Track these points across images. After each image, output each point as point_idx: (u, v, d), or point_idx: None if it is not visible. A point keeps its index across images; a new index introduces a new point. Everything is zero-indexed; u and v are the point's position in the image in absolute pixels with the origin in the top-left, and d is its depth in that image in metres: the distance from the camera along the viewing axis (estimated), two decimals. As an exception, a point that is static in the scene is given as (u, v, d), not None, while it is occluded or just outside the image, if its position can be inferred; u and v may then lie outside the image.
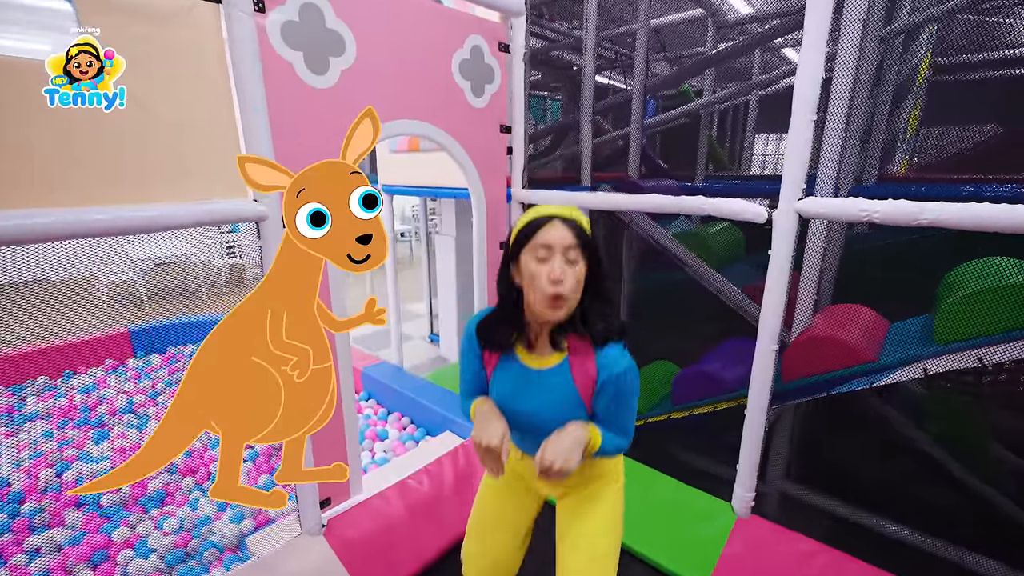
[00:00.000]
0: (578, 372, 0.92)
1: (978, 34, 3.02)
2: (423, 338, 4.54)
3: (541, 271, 0.85)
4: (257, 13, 1.18)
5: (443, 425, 2.39)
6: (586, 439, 0.89)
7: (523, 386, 0.95)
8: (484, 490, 1.17)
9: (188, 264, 4.78)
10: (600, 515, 1.04)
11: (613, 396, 0.91)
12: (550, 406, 0.93)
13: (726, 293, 2.02)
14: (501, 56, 1.85)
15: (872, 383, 1.29)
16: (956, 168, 2.65)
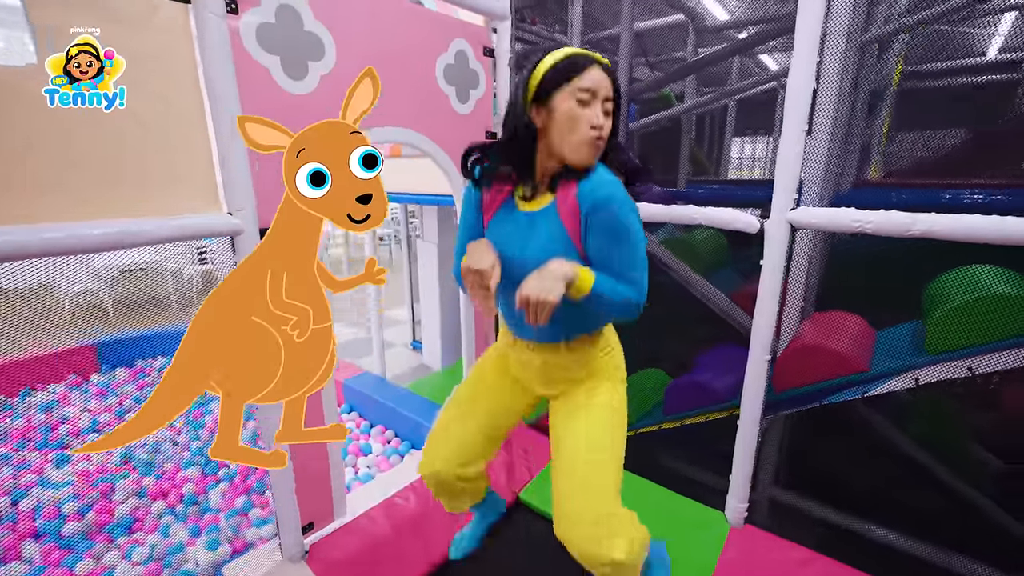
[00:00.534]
0: (562, 206, 0.86)
1: (944, 43, 3.13)
2: (405, 345, 4.46)
3: (584, 115, 0.82)
4: (230, 15, 1.11)
5: (429, 438, 2.33)
6: (570, 273, 0.79)
7: (516, 231, 0.91)
8: (465, 382, 1.13)
9: (157, 272, 4.58)
10: (598, 409, 0.97)
11: (602, 230, 0.83)
12: (538, 249, 0.87)
13: (714, 300, 2.02)
14: (486, 61, 1.81)
15: (864, 393, 1.30)
16: (928, 173, 2.73)
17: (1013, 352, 1.11)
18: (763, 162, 5.52)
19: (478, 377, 1.13)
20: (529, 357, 1.00)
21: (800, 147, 1.25)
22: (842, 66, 1.56)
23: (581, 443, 0.96)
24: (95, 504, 2.07)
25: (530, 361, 1.00)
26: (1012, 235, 1.00)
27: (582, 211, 0.84)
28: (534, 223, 0.89)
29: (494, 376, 1.10)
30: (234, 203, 1.17)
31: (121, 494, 2.12)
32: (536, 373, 1.01)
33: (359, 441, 2.50)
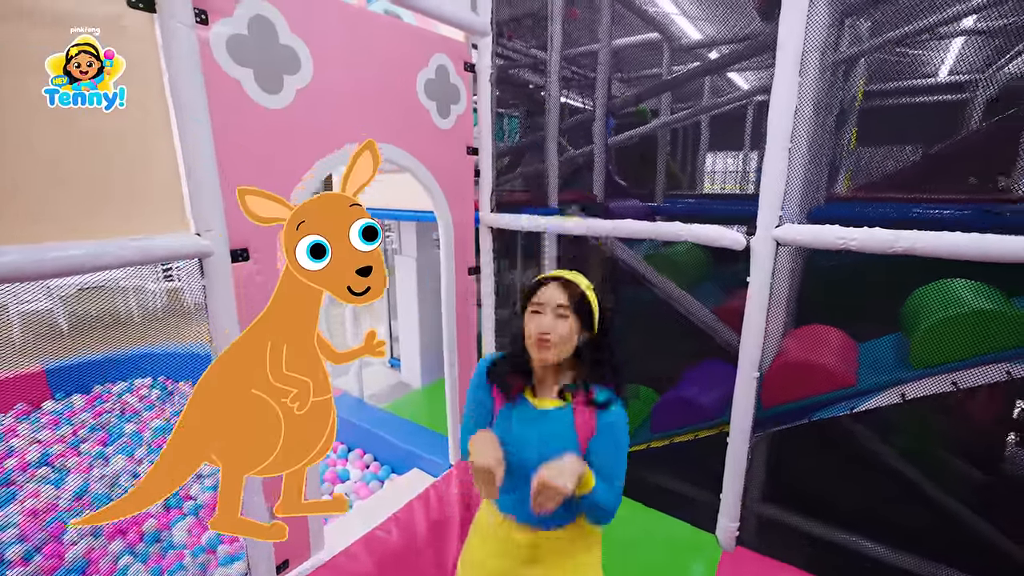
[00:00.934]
0: (580, 419, 0.98)
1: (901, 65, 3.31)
2: (383, 363, 4.34)
3: (531, 322, 0.98)
4: (199, 25, 1.05)
5: (409, 461, 2.24)
6: (582, 472, 0.89)
7: (526, 423, 1.01)
8: (465, 553, 1.16)
9: (117, 289, 4.31)
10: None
11: (608, 441, 0.97)
12: (549, 443, 0.97)
13: (697, 315, 2.03)
14: (466, 76, 1.79)
15: (852, 408, 1.30)
16: (893, 187, 2.85)
17: (996, 366, 1.12)
18: (735, 175, 5.68)
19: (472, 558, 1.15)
20: (513, 538, 1.05)
21: (784, 164, 1.26)
22: (816, 86, 1.60)
23: None
24: (44, 547, 1.91)
25: (513, 541, 1.05)
26: (992, 252, 1.02)
27: (597, 429, 0.98)
28: (545, 418, 1.00)
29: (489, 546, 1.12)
30: (203, 223, 1.10)
31: (74, 534, 1.96)
32: (518, 553, 1.05)
33: (336, 467, 2.39)
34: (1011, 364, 1.10)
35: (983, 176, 3.01)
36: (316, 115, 1.32)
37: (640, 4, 2.90)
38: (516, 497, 1.01)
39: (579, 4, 2.74)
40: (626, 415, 1.01)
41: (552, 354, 0.97)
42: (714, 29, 3.29)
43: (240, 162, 1.16)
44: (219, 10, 1.09)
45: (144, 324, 4.33)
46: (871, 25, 2.65)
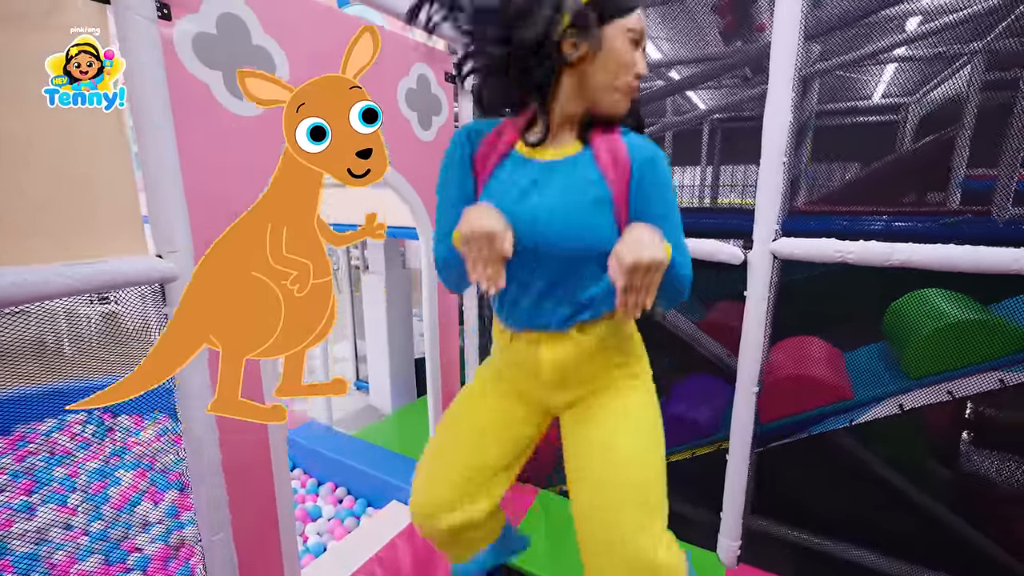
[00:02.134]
0: (604, 156, 0.74)
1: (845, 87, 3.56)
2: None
3: (634, 60, 0.73)
4: (161, 21, 0.93)
5: (387, 493, 2.09)
6: (659, 235, 0.64)
7: (529, 186, 0.76)
8: (459, 399, 0.98)
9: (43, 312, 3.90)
10: (634, 412, 0.81)
11: (658, 188, 0.74)
12: (566, 203, 0.74)
13: (681, 328, 2.02)
14: (448, 87, 1.72)
15: (851, 421, 1.31)
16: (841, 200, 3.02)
17: (990, 375, 1.16)
18: (691, 189, 5.89)
19: (478, 392, 0.97)
20: (535, 356, 0.83)
21: (780, 178, 1.26)
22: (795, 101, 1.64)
23: (619, 456, 0.79)
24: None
25: (537, 361, 0.83)
26: (986, 264, 1.04)
27: (634, 168, 0.74)
28: (557, 172, 0.76)
29: (495, 396, 0.93)
30: (165, 243, 0.96)
31: (-8, 605, 1.68)
32: (545, 375, 0.83)
33: (306, 504, 2.20)
34: (1004, 372, 1.14)
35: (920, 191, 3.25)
36: (292, 124, 1.20)
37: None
38: (523, 293, 0.80)
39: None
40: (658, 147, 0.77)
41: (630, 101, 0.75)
42: (679, 49, 3.40)
43: (208, 174, 1.03)
44: (184, 5, 0.97)
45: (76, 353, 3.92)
46: (822, 49, 2.82)
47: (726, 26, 2.64)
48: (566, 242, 0.75)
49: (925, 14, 2.63)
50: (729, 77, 3.34)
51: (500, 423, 0.92)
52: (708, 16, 2.67)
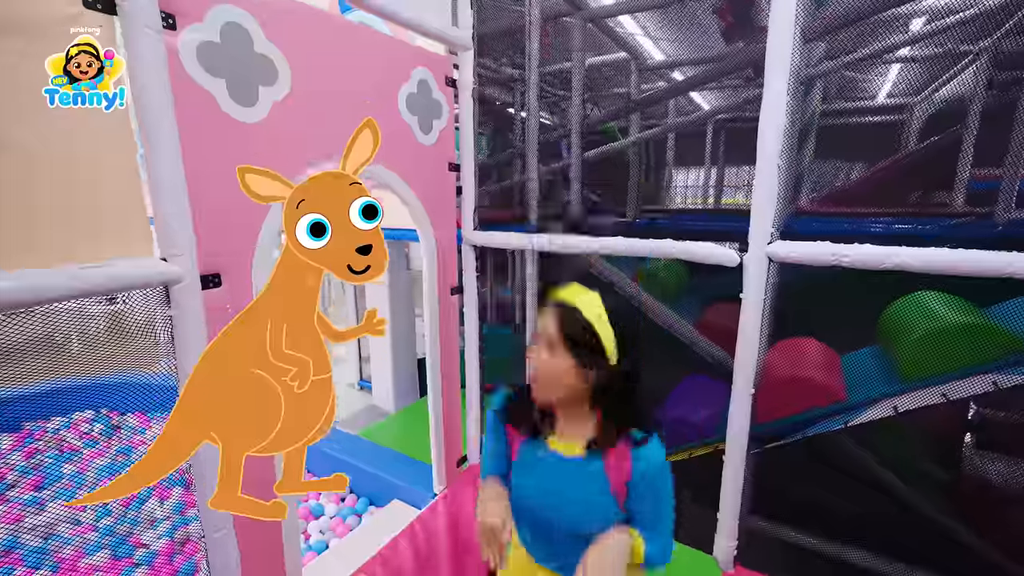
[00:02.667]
0: (612, 463, 0.86)
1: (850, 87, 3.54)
2: (351, 385, 4.16)
3: (529, 362, 0.89)
4: (167, 31, 0.95)
5: (389, 493, 2.12)
6: (628, 546, 0.81)
7: (548, 472, 0.91)
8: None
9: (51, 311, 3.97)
10: None
11: (647, 491, 0.85)
12: (576, 497, 0.88)
13: (679, 330, 2.03)
14: (449, 91, 1.74)
15: (846, 422, 1.31)
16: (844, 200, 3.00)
17: (983, 378, 1.16)
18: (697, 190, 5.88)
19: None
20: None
21: (775, 181, 1.27)
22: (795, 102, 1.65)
23: None
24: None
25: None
26: (985, 268, 1.05)
27: (634, 476, 0.86)
28: (571, 468, 0.90)
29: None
30: (169, 247, 0.98)
31: (2, 598, 1.72)
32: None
33: (308, 501, 2.23)
34: (997, 375, 1.14)
35: (924, 192, 3.23)
36: (293, 129, 1.23)
37: (609, 24, 2.96)
38: (540, 546, 0.95)
39: (552, 24, 2.77)
40: (663, 454, 0.88)
41: (542, 393, 0.88)
42: (679, 50, 3.41)
43: (212, 179, 1.06)
44: (189, 15, 1.00)
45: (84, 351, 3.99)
46: (826, 48, 2.81)
47: (727, 27, 2.64)
48: (575, 529, 0.88)
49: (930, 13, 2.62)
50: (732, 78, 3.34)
51: None
52: (709, 17, 2.67)
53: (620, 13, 2.75)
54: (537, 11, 2.09)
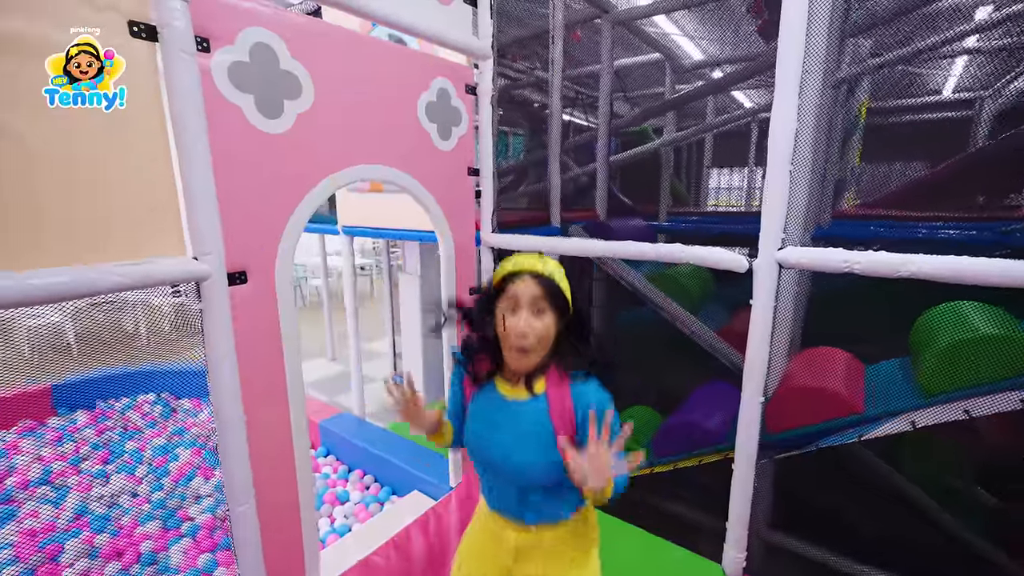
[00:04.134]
0: (555, 404, 0.93)
1: (906, 83, 3.31)
2: (385, 380, 4.31)
3: (509, 324, 0.91)
4: (201, 53, 1.07)
5: (410, 483, 2.21)
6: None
7: (496, 416, 0.98)
8: (460, 546, 1.14)
9: (126, 305, 4.38)
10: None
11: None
12: (521, 438, 0.94)
13: (701, 336, 1.99)
14: (468, 98, 1.80)
15: (860, 436, 1.26)
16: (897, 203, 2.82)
17: (1011, 395, 1.09)
18: (740, 192, 5.67)
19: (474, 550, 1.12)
20: (501, 535, 1.03)
21: (786, 186, 1.24)
22: (818, 104, 1.59)
23: None
24: (39, 568, 1.89)
25: (502, 539, 1.02)
26: (1003, 276, 0.99)
27: (577, 415, 0.92)
28: (516, 411, 0.96)
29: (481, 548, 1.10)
30: (200, 247, 1.10)
31: (71, 555, 1.94)
32: (508, 552, 1.02)
33: (336, 488, 2.36)
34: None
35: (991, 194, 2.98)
36: (316, 139, 1.33)
37: (642, 25, 2.93)
38: (495, 494, 1.01)
39: (582, 26, 2.78)
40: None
41: (533, 358, 0.92)
42: (716, 49, 3.32)
43: (239, 186, 1.17)
44: (221, 38, 1.11)
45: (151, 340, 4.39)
46: (873, 44, 2.66)
47: (763, 25, 2.56)
48: (520, 478, 0.95)
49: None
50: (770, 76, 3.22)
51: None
52: (743, 16, 2.60)
53: (649, 15, 2.73)
54: (560, 16, 2.12)
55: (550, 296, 0.90)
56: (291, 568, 1.45)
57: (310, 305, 6.70)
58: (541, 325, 0.90)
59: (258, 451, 1.28)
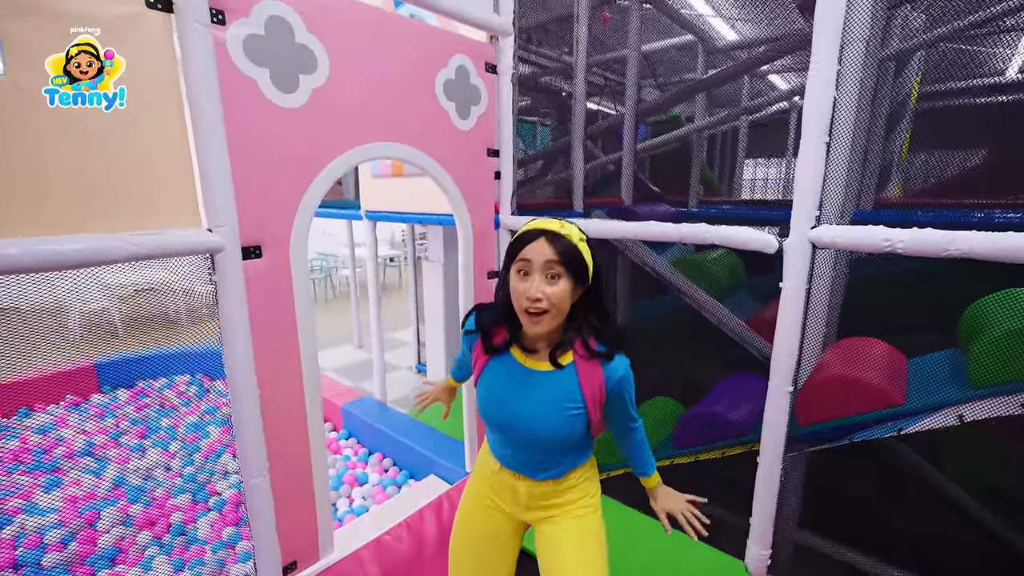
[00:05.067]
0: (585, 379, 0.92)
1: (962, 62, 3.05)
2: (409, 368, 4.36)
3: (519, 288, 0.87)
4: (216, 25, 1.07)
5: (428, 468, 2.21)
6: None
7: (518, 386, 0.95)
8: (458, 516, 1.16)
9: (169, 290, 4.62)
10: (585, 541, 1.02)
11: (621, 399, 0.96)
12: (548, 407, 0.93)
13: (728, 324, 1.90)
14: (488, 77, 1.77)
15: (900, 429, 1.17)
16: (949, 193, 2.62)
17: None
18: (776, 184, 5.42)
19: (471, 514, 1.14)
20: (513, 485, 1.05)
21: (821, 160, 1.16)
22: (860, 79, 1.48)
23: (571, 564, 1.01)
24: (79, 532, 1.99)
25: (514, 489, 1.05)
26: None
27: (609, 385, 0.93)
28: (544, 382, 0.94)
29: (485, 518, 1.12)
30: (214, 219, 1.11)
31: (107, 522, 2.03)
32: (519, 500, 1.06)
33: (355, 470, 2.39)
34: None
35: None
36: (331, 114, 1.32)
37: (673, 6, 2.82)
38: (511, 454, 1.02)
39: (610, 8, 2.70)
40: (627, 363, 0.95)
41: (545, 324, 0.88)
42: (753, 30, 3.16)
43: (254, 160, 1.17)
44: (236, 10, 1.11)
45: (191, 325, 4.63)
46: (926, 18, 2.46)
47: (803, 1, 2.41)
48: (541, 443, 0.97)
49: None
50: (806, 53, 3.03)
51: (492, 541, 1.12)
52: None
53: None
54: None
55: (566, 261, 0.85)
56: (304, 541, 1.46)
57: (340, 296, 6.84)
58: (553, 291, 0.86)
59: (272, 425, 1.29)
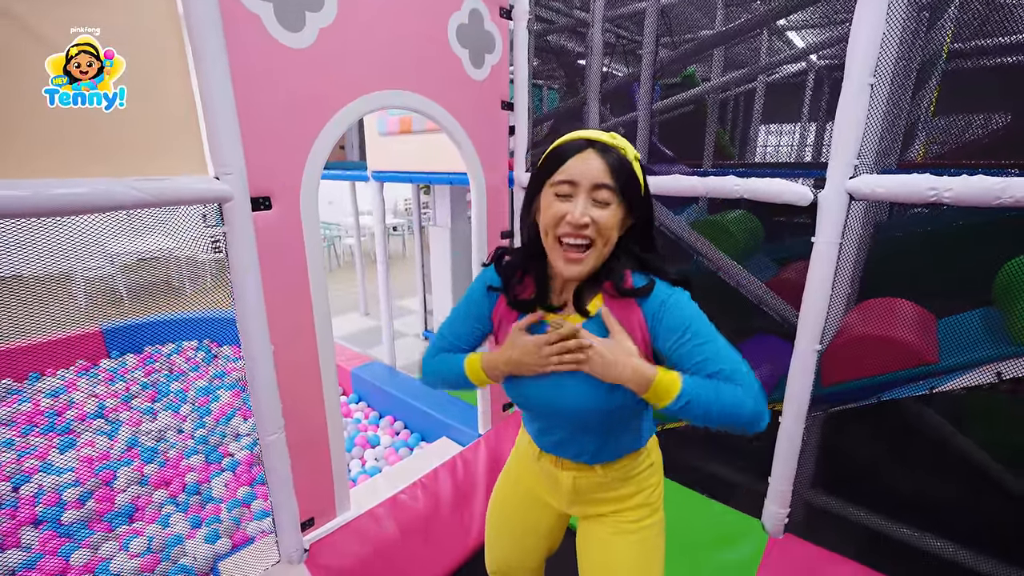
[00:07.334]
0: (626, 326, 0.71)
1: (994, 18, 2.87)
2: (416, 335, 4.35)
3: (559, 210, 0.68)
4: (215, -48, 0.99)
5: (439, 431, 2.21)
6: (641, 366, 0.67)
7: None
8: (494, 498, 1.04)
9: (171, 259, 4.57)
10: (634, 552, 0.84)
11: (671, 328, 0.68)
12: (581, 376, 0.72)
13: (747, 287, 1.86)
14: (503, 23, 1.66)
15: (932, 388, 1.13)
16: (977, 155, 2.52)
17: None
18: (789, 150, 5.27)
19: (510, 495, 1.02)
20: (557, 476, 0.88)
21: (864, 104, 1.08)
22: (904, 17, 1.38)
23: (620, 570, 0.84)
24: (96, 491, 2.01)
25: (556, 479, 0.88)
26: None
27: (650, 326, 0.72)
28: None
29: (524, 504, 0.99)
30: (221, 165, 1.05)
31: (123, 481, 2.05)
32: (562, 492, 0.89)
33: (367, 432, 2.40)
34: None
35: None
36: (340, 57, 1.24)
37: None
38: (547, 435, 0.85)
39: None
40: (670, 287, 0.72)
41: (588, 263, 0.69)
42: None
43: (260, 101, 1.10)
44: (237, -63, 1.02)
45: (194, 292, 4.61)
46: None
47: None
48: (580, 417, 0.77)
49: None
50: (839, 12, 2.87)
51: (530, 529, 0.99)
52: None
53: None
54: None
55: (619, 178, 0.67)
56: (321, 498, 1.47)
57: (344, 265, 6.80)
58: (603, 215, 0.67)
59: (286, 381, 1.27)
